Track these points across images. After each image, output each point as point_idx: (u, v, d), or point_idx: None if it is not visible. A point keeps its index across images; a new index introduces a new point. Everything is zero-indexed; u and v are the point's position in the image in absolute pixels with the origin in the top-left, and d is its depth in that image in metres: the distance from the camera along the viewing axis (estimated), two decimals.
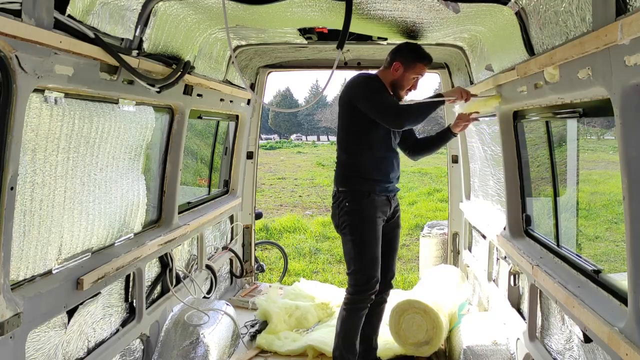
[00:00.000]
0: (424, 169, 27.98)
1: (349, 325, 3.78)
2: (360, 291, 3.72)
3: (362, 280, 3.71)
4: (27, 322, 2.33)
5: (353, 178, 3.74)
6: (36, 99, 2.35)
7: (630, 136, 1.98)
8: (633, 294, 2.05)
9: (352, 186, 3.74)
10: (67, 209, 2.75)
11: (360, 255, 3.70)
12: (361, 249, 3.70)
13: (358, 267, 3.72)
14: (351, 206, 3.70)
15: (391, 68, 3.80)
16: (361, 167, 3.73)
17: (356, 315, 3.77)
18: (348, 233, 3.72)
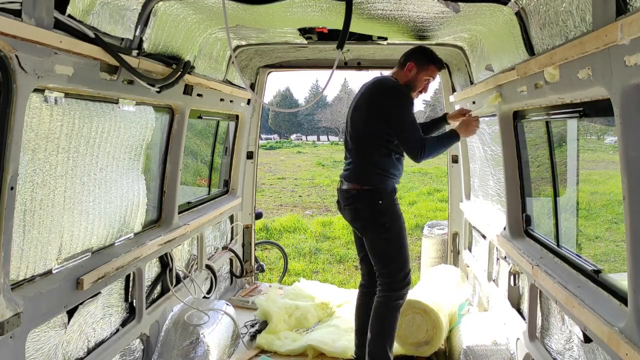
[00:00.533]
0: (424, 169, 27.97)
1: (394, 322, 3.80)
2: (404, 286, 3.81)
3: (403, 275, 3.80)
4: (27, 322, 2.33)
5: (380, 176, 3.75)
6: (36, 98, 2.35)
7: (630, 136, 1.98)
8: (633, 294, 2.05)
9: (380, 184, 3.74)
10: (67, 208, 2.75)
11: (399, 251, 3.79)
12: (399, 246, 3.78)
13: (398, 264, 3.78)
14: (385, 204, 3.72)
15: (405, 68, 3.88)
16: (385, 165, 3.76)
17: (399, 312, 3.83)
18: (385, 231, 3.73)
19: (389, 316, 3.77)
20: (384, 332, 3.76)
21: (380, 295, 3.80)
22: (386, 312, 3.77)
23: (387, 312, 3.77)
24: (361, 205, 3.76)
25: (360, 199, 3.75)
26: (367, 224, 3.79)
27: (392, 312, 3.78)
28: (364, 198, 3.74)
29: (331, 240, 12.28)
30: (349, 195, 3.80)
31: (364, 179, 3.76)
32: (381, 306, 3.78)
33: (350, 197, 3.80)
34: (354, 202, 3.79)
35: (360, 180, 3.77)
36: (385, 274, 3.79)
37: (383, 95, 3.76)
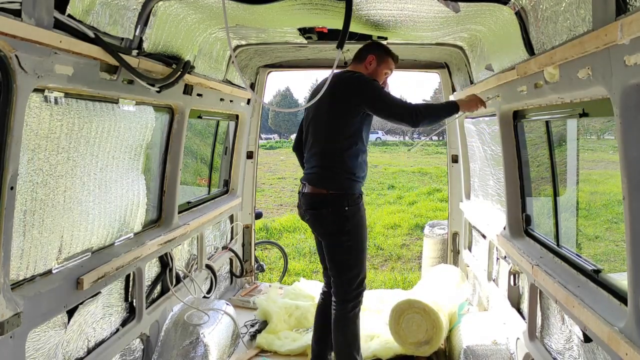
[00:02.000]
0: (424, 169, 27.97)
1: (356, 329, 3.76)
2: (358, 295, 3.73)
3: (358, 283, 3.71)
4: (27, 322, 2.33)
5: (348, 180, 3.63)
6: (36, 98, 2.35)
7: (630, 136, 1.98)
8: (633, 294, 2.05)
9: (348, 189, 3.63)
10: (67, 208, 2.75)
11: (358, 259, 3.69)
12: (360, 253, 3.70)
13: (356, 272, 3.69)
14: (351, 210, 3.62)
15: (365, 62, 3.83)
16: (353, 168, 3.64)
17: (358, 317, 3.77)
18: (348, 239, 3.64)
19: (350, 326, 3.72)
20: (349, 343, 3.72)
21: (338, 307, 3.72)
22: (347, 323, 3.71)
23: (348, 322, 3.72)
24: (326, 211, 3.62)
25: (326, 204, 3.61)
26: (330, 230, 3.66)
27: (353, 320, 3.72)
28: (330, 203, 3.60)
29: None
30: (313, 200, 3.66)
31: (330, 183, 3.63)
32: (341, 318, 3.71)
33: (315, 202, 3.66)
34: (319, 207, 3.65)
35: (327, 184, 3.63)
36: (341, 283, 3.70)
37: (352, 85, 3.60)
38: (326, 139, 3.70)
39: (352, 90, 3.60)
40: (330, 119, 3.66)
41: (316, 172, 3.70)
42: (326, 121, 3.69)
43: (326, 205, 3.62)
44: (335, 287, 3.74)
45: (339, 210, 3.60)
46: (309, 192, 3.70)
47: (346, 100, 3.60)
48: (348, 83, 3.64)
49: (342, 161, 3.63)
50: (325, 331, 3.89)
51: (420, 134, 70.09)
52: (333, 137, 3.66)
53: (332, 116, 3.66)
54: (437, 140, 44.65)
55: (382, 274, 9.52)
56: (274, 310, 4.94)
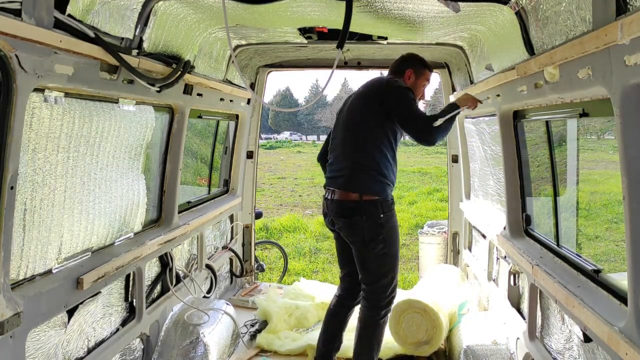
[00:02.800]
0: (424, 169, 27.98)
1: (382, 334, 3.75)
2: (391, 301, 3.71)
3: (392, 289, 3.66)
4: (27, 322, 2.33)
5: (381, 184, 3.54)
6: (36, 98, 2.35)
7: (630, 136, 1.98)
8: (633, 294, 2.05)
9: (381, 194, 3.53)
10: (67, 208, 2.75)
11: (394, 266, 3.63)
12: (395, 260, 3.63)
13: (391, 279, 3.63)
14: (386, 217, 3.53)
15: (404, 76, 3.80)
16: (385, 169, 3.56)
17: (387, 323, 3.79)
18: (385, 246, 3.55)
19: (379, 331, 3.71)
20: (373, 348, 3.71)
21: (370, 313, 3.68)
22: (376, 328, 3.69)
23: (377, 328, 3.70)
24: (361, 219, 3.49)
25: (361, 211, 3.48)
26: (365, 238, 3.53)
27: (382, 326, 3.72)
28: (365, 211, 3.48)
29: (331, 240, 12.24)
30: (347, 207, 3.53)
31: (364, 187, 3.51)
32: (372, 324, 3.68)
33: (347, 210, 3.53)
34: (353, 214, 3.51)
35: (359, 187, 3.51)
36: (375, 290, 3.64)
37: (387, 88, 3.60)
38: (357, 139, 3.60)
39: (381, 92, 3.60)
40: (363, 120, 3.60)
41: (346, 175, 3.57)
42: (359, 122, 3.62)
43: (360, 213, 3.49)
44: (369, 293, 3.67)
45: (374, 219, 3.49)
46: (339, 199, 3.56)
47: (379, 102, 3.57)
48: (382, 86, 3.65)
49: (373, 160, 3.53)
50: (335, 334, 3.89)
51: None
52: (365, 138, 3.58)
53: (364, 117, 3.60)
54: None
55: None
56: (274, 310, 4.93)
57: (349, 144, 3.64)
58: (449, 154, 5.97)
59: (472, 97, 3.79)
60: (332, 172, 3.71)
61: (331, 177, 3.71)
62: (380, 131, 3.55)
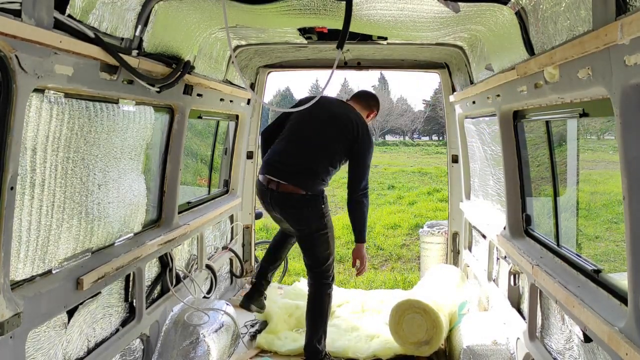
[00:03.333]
0: (424, 169, 27.98)
1: (329, 307, 4.32)
2: (333, 275, 4.36)
3: (333, 267, 4.37)
4: (27, 322, 2.33)
5: (322, 184, 4.20)
6: (36, 98, 2.35)
7: (630, 136, 1.98)
8: (633, 294, 2.05)
9: (321, 192, 4.19)
10: (67, 208, 2.75)
11: (333, 247, 4.31)
12: (333, 242, 4.31)
13: (332, 258, 4.33)
14: (326, 208, 4.21)
15: (368, 112, 4.51)
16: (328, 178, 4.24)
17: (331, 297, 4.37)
18: (328, 231, 4.21)
19: (327, 302, 4.27)
20: (321, 320, 4.24)
21: (318, 290, 4.26)
22: (324, 302, 4.26)
23: (325, 301, 4.26)
24: (308, 211, 4.12)
25: (308, 203, 4.11)
26: (310, 226, 4.16)
27: (329, 299, 4.30)
28: (310, 203, 4.11)
29: None
30: (293, 199, 4.09)
31: (309, 187, 4.10)
32: (321, 296, 4.26)
33: (294, 201, 4.10)
34: (300, 206, 4.11)
35: (305, 187, 4.09)
36: (321, 271, 4.25)
37: (363, 140, 4.23)
38: (317, 153, 4.18)
39: (358, 138, 4.21)
40: (329, 145, 4.19)
41: (297, 173, 4.12)
42: (325, 143, 4.19)
43: (307, 205, 4.12)
44: (316, 274, 4.28)
45: (317, 210, 4.13)
46: (287, 192, 4.11)
47: (349, 142, 4.19)
48: (360, 130, 4.23)
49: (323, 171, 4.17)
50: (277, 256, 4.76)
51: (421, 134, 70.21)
52: (324, 157, 4.18)
53: (331, 143, 4.19)
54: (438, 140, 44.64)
55: (382, 274, 9.52)
56: (274, 311, 4.93)
57: (308, 152, 4.19)
58: (449, 154, 5.97)
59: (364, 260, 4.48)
60: (280, 164, 4.19)
61: (278, 168, 4.18)
62: (337, 158, 4.22)
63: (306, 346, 4.25)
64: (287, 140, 4.29)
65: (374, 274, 9.48)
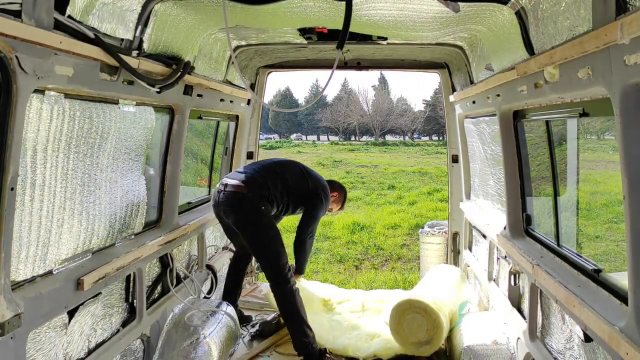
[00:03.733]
0: (424, 169, 27.98)
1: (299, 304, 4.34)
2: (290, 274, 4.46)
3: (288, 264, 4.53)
4: (28, 323, 2.33)
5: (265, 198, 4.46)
6: (36, 99, 2.35)
7: (630, 135, 1.98)
8: (633, 294, 2.05)
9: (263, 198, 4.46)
10: (68, 209, 2.75)
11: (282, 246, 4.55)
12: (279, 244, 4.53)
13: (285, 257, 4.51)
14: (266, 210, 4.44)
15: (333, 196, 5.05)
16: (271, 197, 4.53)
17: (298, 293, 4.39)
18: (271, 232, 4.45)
19: (293, 299, 4.29)
20: (297, 316, 4.27)
21: (279, 289, 4.32)
22: (290, 298, 4.29)
23: (291, 297, 4.29)
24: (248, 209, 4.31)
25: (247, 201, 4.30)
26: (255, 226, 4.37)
27: (296, 295, 4.31)
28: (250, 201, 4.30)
29: (331, 240, 12.29)
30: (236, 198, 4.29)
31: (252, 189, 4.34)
32: (285, 296, 4.30)
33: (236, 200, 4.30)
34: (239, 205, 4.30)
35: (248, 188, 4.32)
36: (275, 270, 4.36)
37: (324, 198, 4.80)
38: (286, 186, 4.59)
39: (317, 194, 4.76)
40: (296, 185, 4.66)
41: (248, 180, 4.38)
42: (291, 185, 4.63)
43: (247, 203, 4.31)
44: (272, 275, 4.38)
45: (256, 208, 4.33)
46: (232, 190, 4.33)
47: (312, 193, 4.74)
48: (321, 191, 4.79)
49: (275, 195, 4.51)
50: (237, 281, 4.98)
51: (421, 134, 70.23)
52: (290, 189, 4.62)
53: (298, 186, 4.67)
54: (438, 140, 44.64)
55: (383, 274, 9.52)
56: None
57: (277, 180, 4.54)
58: (449, 154, 5.97)
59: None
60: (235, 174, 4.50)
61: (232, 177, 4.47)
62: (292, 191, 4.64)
63: (295, 346, 4.29)
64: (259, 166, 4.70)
65: (374, 274, 9.48)
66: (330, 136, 74.63)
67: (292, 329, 4.29)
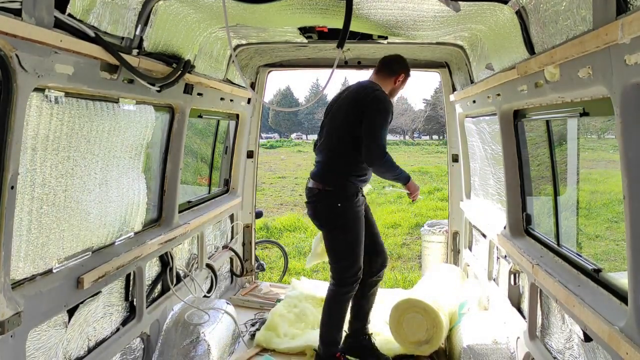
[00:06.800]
0: (424, 168, 27.97)
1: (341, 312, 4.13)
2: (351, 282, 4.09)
3: (352, 273, 4.08)
4: (28, 321, 2.33)
5: (342, 179, 3.98)
6: (37, 98, 2.35)
7: (630, 135, 1.98)
8: (633, 293, 2.05)
9: (340, 188, 3.98)
10: (68, 207, 2.75)
11: (352, 251, 4.04)
12: (353, 246, 4.04)
13: (349, 262, 4.05)
14: (343, 206, 3.97)
15: (394, 78, 4.20)
16: (350, 171, 4.00)
17: (347, 303, 4.16)
18: (341, 232, 4.02)
19: (337, 308, 4.10)
20: (331, 321, 4.11)
21: (331, 289, 4.12)
22: (334, 305, 4.10)
23: (335, 304, 4.10)
24: (321, 205, 4.03)
25: (322, 199, 4.01)
26: (324, 222, 4.10)
27: (340, 305, 4.10)
28: (324, 198, 3.99)
29: None
30: (312, 194, 4.08)
31: (326, 180, 4.00)
32: (330, 299, 4.12)
33: (312, 195, 4.08)
34: (315, 201, 4.06)
35: (324, 179, 4.01)
36: (335, 269, 4.09)
37: (370, 98, 3.94)
38: (332, 141, 4.08)
39: (367, 105, 3.92)
40: (343, 122, 4.02)
41: (318, 169, 4.10)
42: (337, 126, 4.07)
43: (321, 200, 4.03)
44: (332, 271, 4.13)
45: (332, 207, 3.97)
46: (309, 186, 4.11)
47: (360, 112, 3.92)
48: (369, 97, 3.97)
49: (340, 162, 4.01)
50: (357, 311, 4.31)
51: (421, 133, 70.19)
52: (337, 141, 4.04)
53: (345, 120, 4.02)
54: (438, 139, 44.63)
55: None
56: (273, 309, 4.94)
57: (326, 144, 4.12)
58: (450, 153, 5.97)
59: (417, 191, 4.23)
60: (315, 164, 4.21)
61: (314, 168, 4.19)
62: (354, 138, 3.94)
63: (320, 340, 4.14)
64: (318, 144, 4.29)
65: None
66: None
67: (321, 328, 4.14)
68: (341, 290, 4.06)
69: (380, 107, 3.92)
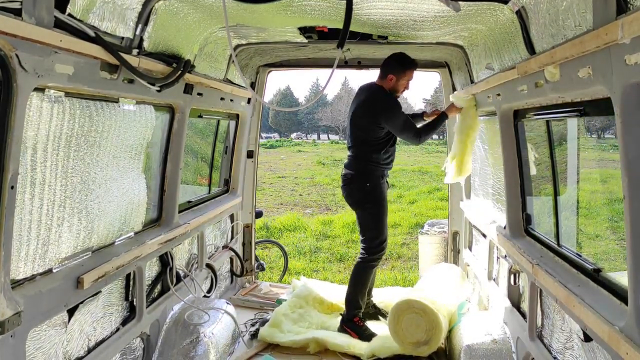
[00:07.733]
0: (424, 168, 27.97)
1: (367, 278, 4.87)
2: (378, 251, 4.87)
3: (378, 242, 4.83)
4: (28, 321, 2.33)
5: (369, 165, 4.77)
6: (37, 97, 2.35)
7: (630, 135, 1.98)
8: (633, 293, 2.05)
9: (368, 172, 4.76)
10: (68, 207, 2.75)
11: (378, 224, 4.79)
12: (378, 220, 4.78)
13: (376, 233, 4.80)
14: (371, 186, 4.72)
15: (386, 80, 4.73)
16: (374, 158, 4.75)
17: (372, 270, 4.95)
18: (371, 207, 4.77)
19: (363, 274, 4.83)
20: (358, 285, 4.81)
21: (358, 260, 4.86)
22: (362, 271, 4.83)
23: (361, 271, 4.83)
24: (354, 186, 4.80)
25: (354, 181, 4.78)
26: (356, 199, 4.84)
27: (367, 271, 4.85)
28: (356, 181, 4.76)
29: (331, 239, 12.29)
30: (346, 178, 4.86)
31: (357, 167, 4.78)
32: (359, 266, 4.84)
33: (346, 180, 4.86)
34: (349, 183, 4.82)
35: (354, 167, 4.80)
36: (364, 240, 4.82)
37: (377, 105, 4.66)
38: (358, 138, 4.81)
39: (376, 109, 4.65)
40: (361, 124, 4.75)
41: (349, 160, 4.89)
42: (358, 125, 4.79)
43: (353, 182, 4.80)
44: (362, 242, 4.85)
45: (362, 187, 4.74)
46: (344, 173, 4.90)
47: (373, 115, 4.65)
48: (376, 101, 4.69)
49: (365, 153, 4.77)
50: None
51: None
52: (362, 138, 4.78)
53: (362, 122, 4.74)
54: (438, 139, 44.64)
55: (383, 272, 9.52)
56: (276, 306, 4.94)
57: (351, 142, 4.89)
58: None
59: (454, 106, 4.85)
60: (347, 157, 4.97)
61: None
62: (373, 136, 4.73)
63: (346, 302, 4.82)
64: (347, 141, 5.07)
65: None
66: (331, 135, 74.60)
67: (348, 290, 4.81)
68: (368, 258, 4.76)
69: (387, 107, 4.63)
